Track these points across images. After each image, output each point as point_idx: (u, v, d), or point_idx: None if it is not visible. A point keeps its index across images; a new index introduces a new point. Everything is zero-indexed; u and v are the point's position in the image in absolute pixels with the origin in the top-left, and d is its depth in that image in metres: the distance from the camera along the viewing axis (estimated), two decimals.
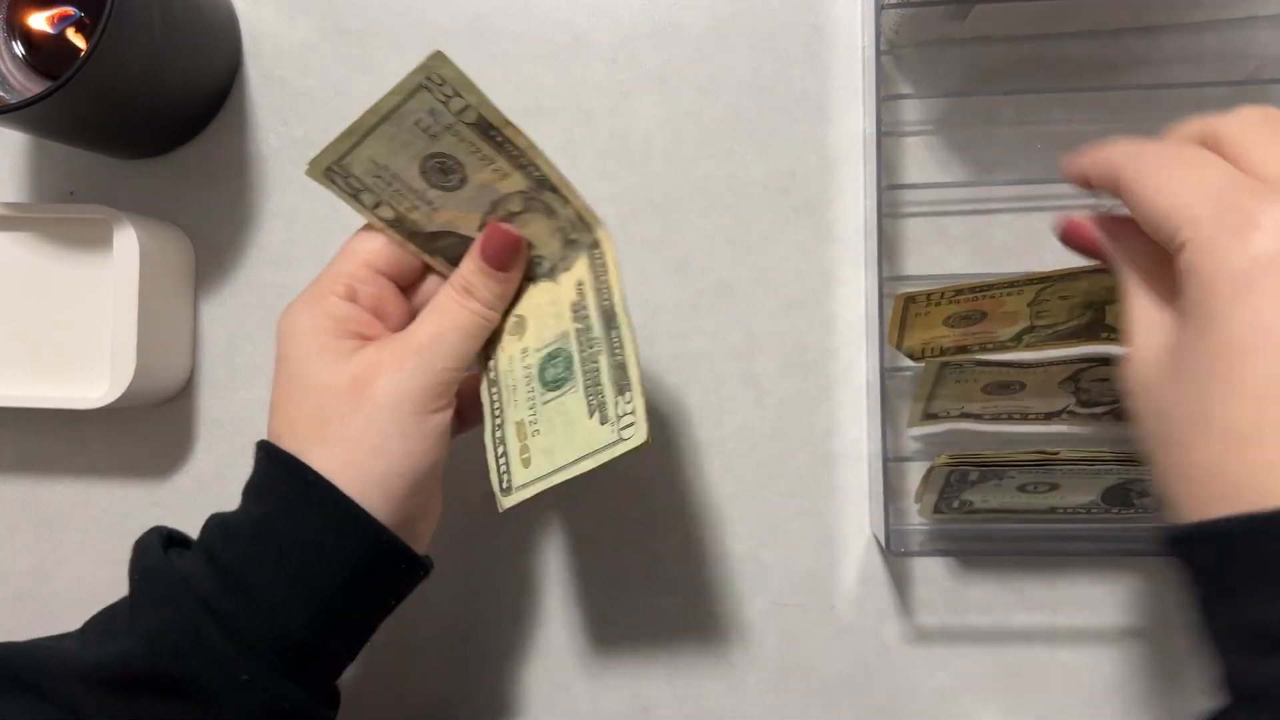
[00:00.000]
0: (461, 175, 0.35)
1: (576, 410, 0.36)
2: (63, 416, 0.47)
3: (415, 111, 0.34)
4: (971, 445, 0.44)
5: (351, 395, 0.33)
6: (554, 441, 0.36)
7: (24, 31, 0.42)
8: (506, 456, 0.37)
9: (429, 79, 0.33)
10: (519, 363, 0.37)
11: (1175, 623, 0.44)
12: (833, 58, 0.46)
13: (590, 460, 0.36)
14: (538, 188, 0.36)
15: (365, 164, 0.35)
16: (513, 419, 0.37)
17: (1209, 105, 0.44)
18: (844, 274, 0.45)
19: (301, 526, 0.32)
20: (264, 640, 0.32)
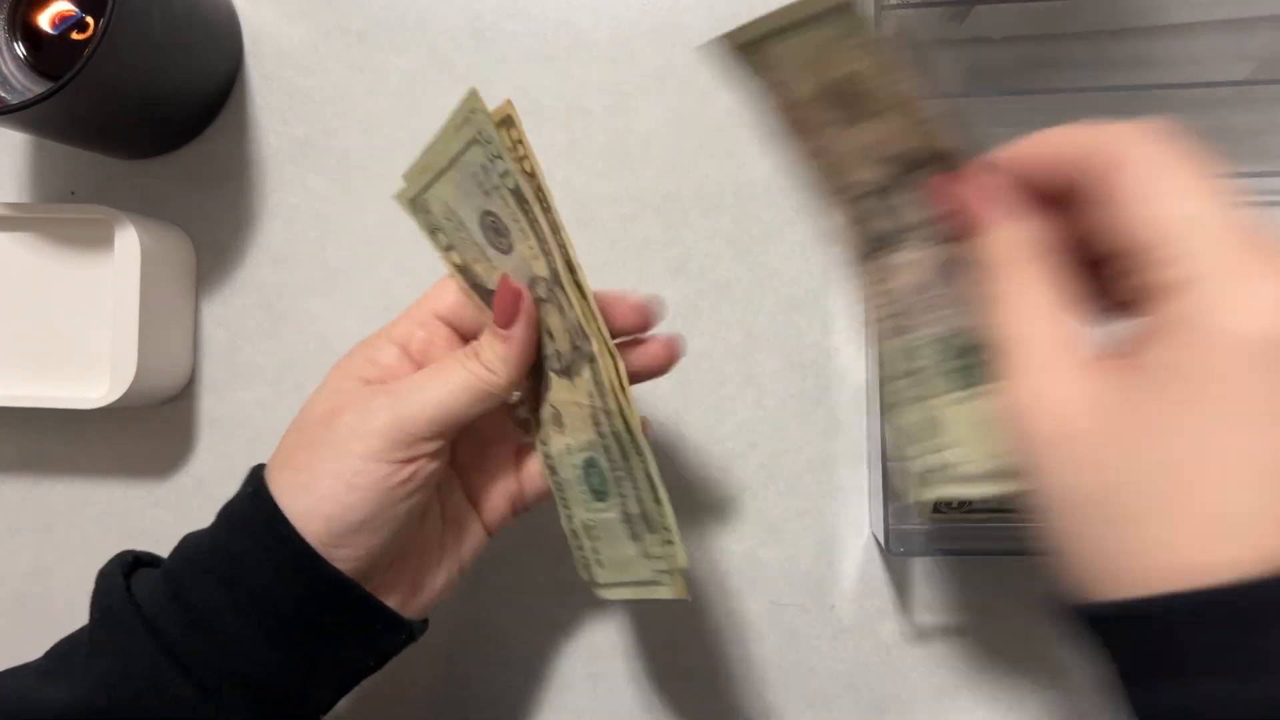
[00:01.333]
0: (509, 241, 0.33)
1: (620, 532, 0.34)
2: (63, 416, 0.47)
3: (471, 163, 0.32)
4: None
5: (321, 426, 0.32)
6: (613, 554, 0.35)
7: (25, 32, 0.42)
8: (584, 551, 0.36)
9: (480, 133, 0.31)
10: (567, 459, 0.35)
11: None
12: None
13: (645, 591, 0.34)
14: (554, 280, 0.32)
15: (440, 204, 0.34)
16: (578, 516, 0.35)
17: (1209, 105, 0.44)
18: (844, 274, 0.45)
19: (256, 559, 0.31)
20: (228, 684, 0.31)
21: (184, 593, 0.31)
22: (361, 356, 0.34)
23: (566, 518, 0.36)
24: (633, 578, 0.34)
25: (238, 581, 0.31)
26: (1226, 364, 0.21)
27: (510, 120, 0.31)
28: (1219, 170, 0.22)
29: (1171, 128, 0.23)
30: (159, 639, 0.31)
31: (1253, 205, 0.45)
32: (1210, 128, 0.45)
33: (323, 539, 0.31)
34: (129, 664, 0.31)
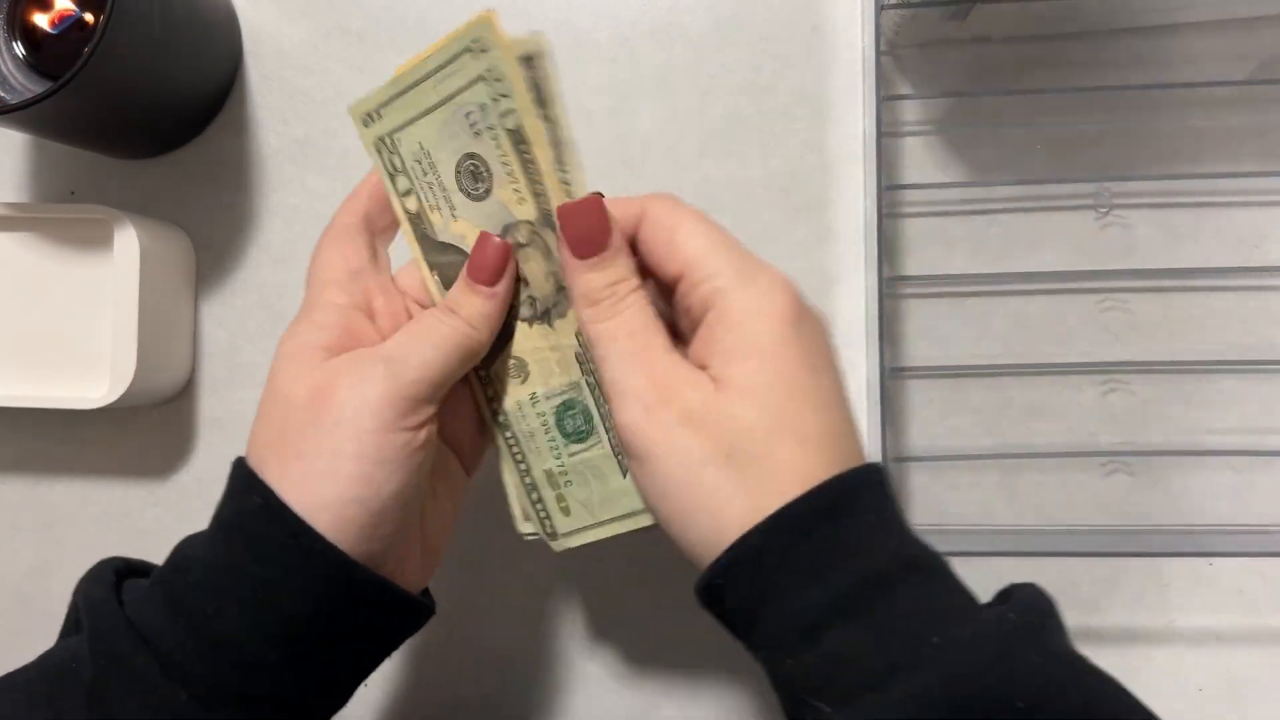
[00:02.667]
0: (488, 187, 0.33)
1: (607, 468, 0.34)
2: (63, 416, 0.47)
3: (469, 103, 0.31)
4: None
5: (315, 406, 0.30)
6: (589, 495, 0.34)
7: (25, 32, 0.42)
8: (544, 504, 0.35)
9: (489, 70, 0.30)
10: (530, 409, 0.35)
11: (1175, 622, 0.44)
12: (833, 58, 0.46)
13: (632, 522, 0.34)
14: (543, 221, 0.32)
15: (413, 145, 0.33)
16: (539, 466, 0.35)
17: (1209, 105, 0.44)
18: (844, 274, 0.45)
19: (258, 560, 0.29)
20: (256, 708, 0.29)
21: (204, 625, 0.29)
22: (307, 324, 0.32)
23: (521, 472, 0.35)
24: (620, 511, 0.34)
25: (268, 608, 0.29)
26: (761, 339, 0.29)
27: (533, 58, 0.31)
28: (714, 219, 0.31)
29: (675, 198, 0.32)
30: (186, 684, 0.28)
31: (1252, 205, 0.45)
32: (1210, 128, 0.45)
33: (357, 526, 0.29)
34: (134, 698, 0.28)
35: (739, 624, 0.29)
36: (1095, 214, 0.45)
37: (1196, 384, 0.44)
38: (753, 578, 0.27)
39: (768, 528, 0.27)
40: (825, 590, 0.26)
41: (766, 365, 0.28)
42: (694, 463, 0.28)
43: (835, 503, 0.27)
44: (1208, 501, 0.44)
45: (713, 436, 0.28)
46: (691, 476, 0.28)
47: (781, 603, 0.27)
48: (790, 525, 0.27)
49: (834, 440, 0.29)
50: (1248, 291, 0.44)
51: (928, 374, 0.45)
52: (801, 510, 0.27)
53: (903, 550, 0.27)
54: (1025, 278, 0.45)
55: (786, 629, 0.27)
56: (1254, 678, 0.44)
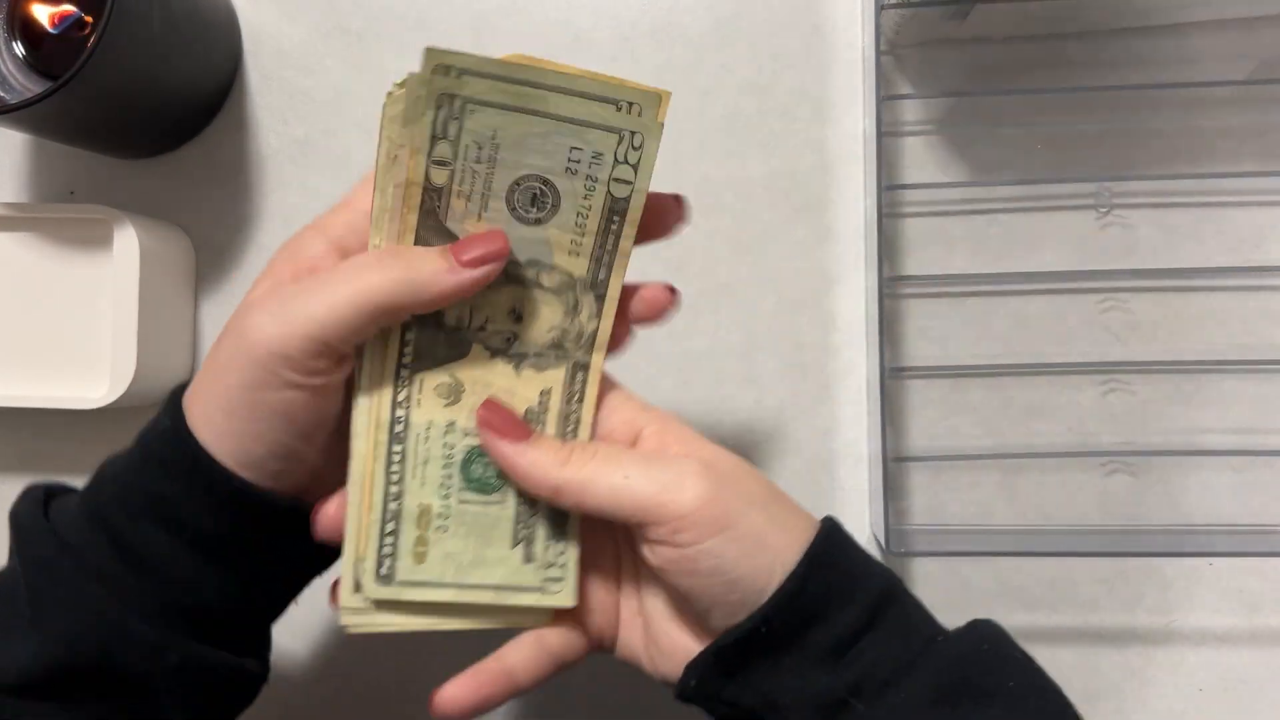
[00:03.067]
0: (541, 218, 0.30)
1: (499, 532, 0.32)
2: (63, 416, 0.47)
3: (586, 142, 0.29)
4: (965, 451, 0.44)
5: (214, 348, 0.29)
6: (462, 551, 0.31)
7: (24, 31, 0.42)
8: (396, 538, 0.31)
9: (632, 134, 0.29)
10: (439, 436, 0.31)
11: (1175, 622, 0.44)
12: (833, 58, 0.46)
13: (502, 595, 0.32)
14: (587, 285, 0.31)
15: (482, 127, 0.29)
16: (415, 497, 0.31)
17: (1209, 105, 0.44)
18: (844, 274, 0.45)
19: (165, 478, 0.29)
20: (184, 620, 0.30)
21: (121, 534, 0.29)
22: (286, 252, 0.31)
23: (389, 495, 0.31)
24: (505, 581, 0.32)
25: (176, 523, 0.29)
26: (693, 438, 0.32)
27: (657, 141, 0.30)
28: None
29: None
30: (107, 585, 0.29)
31: (1252, 205, 0.45)
32: (1210, 128, 0.45)
33: (242, 468, 0.29)
34: (82, 614, 0.29)
35: (757, 669, 0.31)
36: (1095, 214, 0.45)
37: (1196, 384, 0.44)
38: (797, 610, 0.30)
39: (807, 565, 0.30)
40: (859, 608, 0.30)
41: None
42: (765, 501, 0.31)
43: (838, 541, 0.31)
44: (1208, 501, 0.44)
45: (759, 479, 0.32)
46: (769, 512, 0.31)
47: (823, 624, 0.30)
48: (821, 560, 0.30)
49: None
50: (1248, 291, 0.44)
51: (928, 374, 0.45)
52: (825, 547, 0.31)
53: (886, 568, 0.32)
54: (1025, 278, 0.45)
55: (826, 648, 0.30)
56: (1254, 678, 0.44)
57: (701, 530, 0.29)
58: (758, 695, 0.31)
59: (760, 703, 0.31)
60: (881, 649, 0.30)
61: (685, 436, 0.32)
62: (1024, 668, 0.31)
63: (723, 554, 0.29)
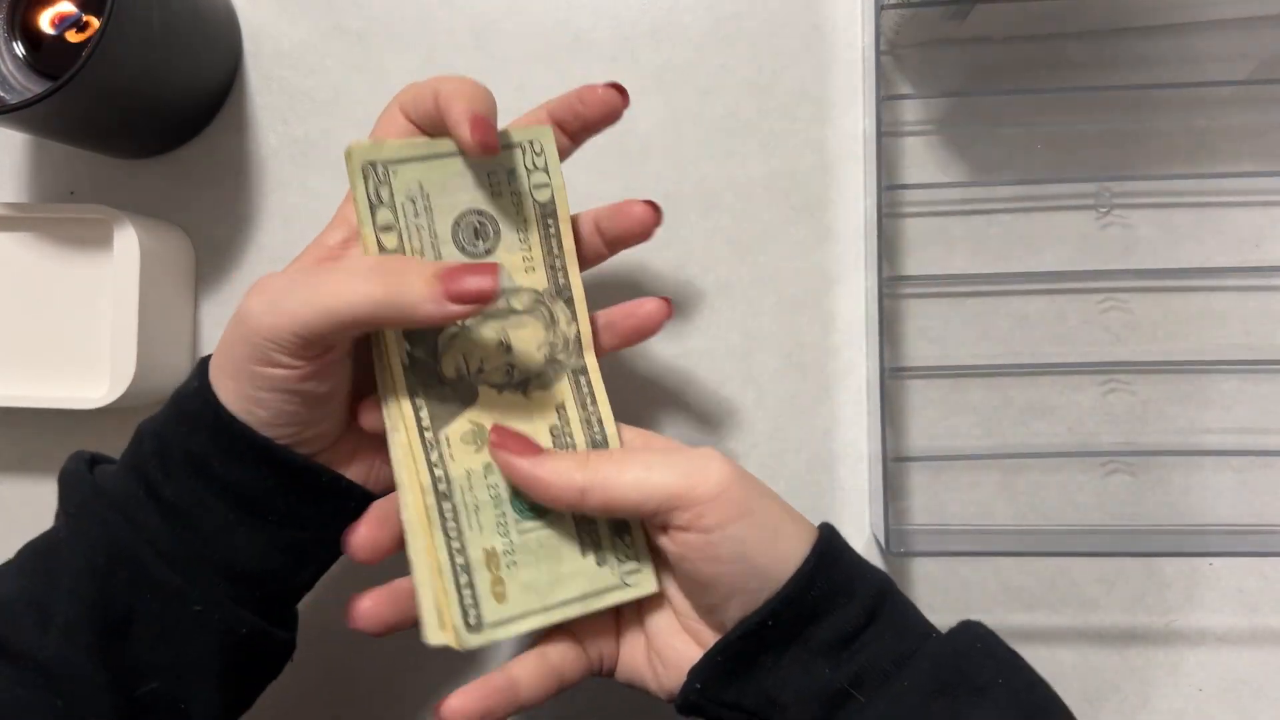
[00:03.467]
0: (490, 246, 0.33)
1: (565, 546, 0.33)
2: (63, 416, 0.47)
3: (496, 164, 0.32)
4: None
5: (232, 318, 0.31)
6: (538, 577, 0.32)
7: (24, 32, 0.42)
8: (473, 588, 0.31)
9: (530, 143, 0.32)
10: (482, 480, 0.32)
11: (1175, 622, 0.44)
12: (833, 58, 0.46)
13: (589, 603, 0.33)
14: (554, 295, 0.33)
15: (409, 184, 0.31)
16: (478, 544, 0.32)
17: (1209, 105, 0.44)
18: (844, 274, 0.45)
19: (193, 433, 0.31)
20: (212, 573, 0.31)
21: (156, 487, 0.31)
22: (314, 241, 0.33)
23: (453, 551, 0.32)
24: (574, 593, 0.33)
25: (206, 474, 0.31)
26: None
27: (554, 145, 0.33)
28: None
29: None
30: (140, 532, 0.31)
31: (1252, 205, 0.45)
32: (1210, 128, 0.45)
33: (262, 430, 0.31)
34: (113, 558, 0.30)
35: (763, 663, 0.32)
36: (1095, 214, 0.45)
37: (1196, 384, 0.44)
38: (804, 604, 0.31)
39: (815, 562, 0.31)
40: (860, 603, 0.31)
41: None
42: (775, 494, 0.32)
43: (838, 542, 0.33)
44: (1208, 501, 0.44)
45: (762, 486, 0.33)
46: (781, 504, 0.32)
47: (827, 620, 0.31)
48: (825, 559, 0.31)
49: None
50: (1248, 291, 0.44)
51: (928, 374, 0.45)
52: (829, 545, 0.32)
53: (881, 572, 0.33)
54: (1025, 278, 0.45)
55: (829, 643, 0.31)
56: (1254, 678, 0.44)
57: (725, 513, 0.30)
58: (760, 694, 0.32)
59: (762, 701, 0.32)
60: (881, 643, 0.31)
61: (667, 442, 0.35)
62: (1014, 665, 0.32)
63: (744, 539, 0.30)
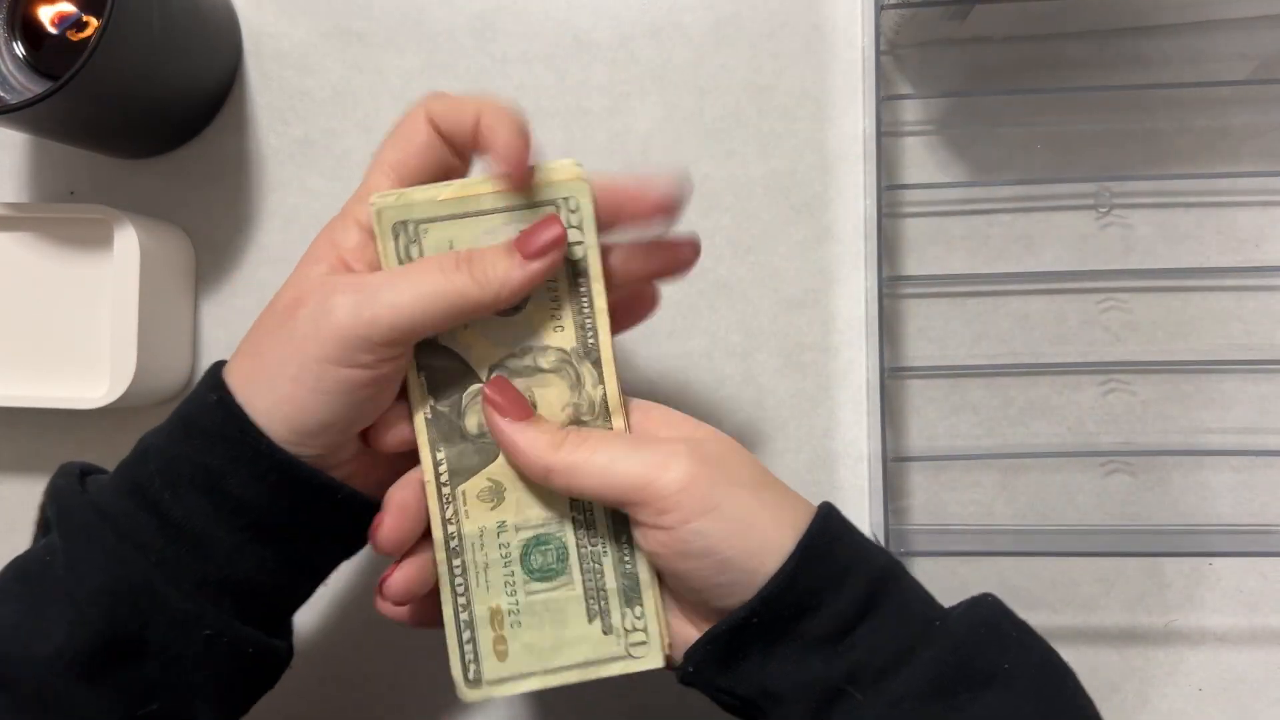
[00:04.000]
0: (518, 305, 0.32)
1: (572, 612, 0.33)
2: (63, 416, 0.47)
3: (528, 221, 0.31)
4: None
5: (281, 315, 0.30)
6: (541, 639, 0.33)
7: (25, 32, 0.42)
8: (474, 644, 0.32)
9: (566, 199, 0.31)
10: (494, 539, 0.33)
11: (1175, 622, 0.44)
12: (833, 58, 0.46)
13: (590, 671, 0.33)
14: (581, 355, 0.32)
15: (440, 243, 0.31)
16: (483, 603, 0.32)
17: (1209, 105, 0.44)
18: (844, 274, 0.45)
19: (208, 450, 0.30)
20: (218, 592, 0.31)
21: (163, 507, 0.30)
22: (326, 239, 0.32)
23: (460, 608, 0.33)
24: (576, 659, 0.33)
25: (219, 493, 0.30)
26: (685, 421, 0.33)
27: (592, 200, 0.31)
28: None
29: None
30: (147, 557, 0.30)
31: (1252, 205, 0.45)
32: (1210, 128, 0.46)
33: (288, 439, 0.30)
34: (120, 585, 0.29)
35: (753, 656, 0.31)
36: (1095, 214, 0.45)
37: (1196, 384, 0.44)
38: (790, 600, 0.30)
39: (800, 556, 0.30)
40: (851, 596, 0.30)
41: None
42: (756, 485, 0.31)
43: (833, 528, 0.31)
44: (1208, 501, 0.44)
45: (751, 462, 0.32)
46: (759, 496, 0.31)
47: (817, 614, 0.30)
48: (817, 549, 0.30)
49: None
50: (1248, 291, 0.44)
51: (928, 374, 0.45)
52: (819, 535, 0.30)
53: (884, 554, 0.32)
54: (1025, 278, 0.45)
55: (819, 637, 0.30)
56: (1254, 678, 0.44)
57: (687, 511, 0.29)
58: (754, 685, 0.31)
59: (758, 692, 0.31)
60: (876, 637, 0.30)
61: (673, 420, 0.33)
62: (1020, 645, 0.31)
63: (711, 534, 0.30)
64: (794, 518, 0.31)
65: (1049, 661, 0.31)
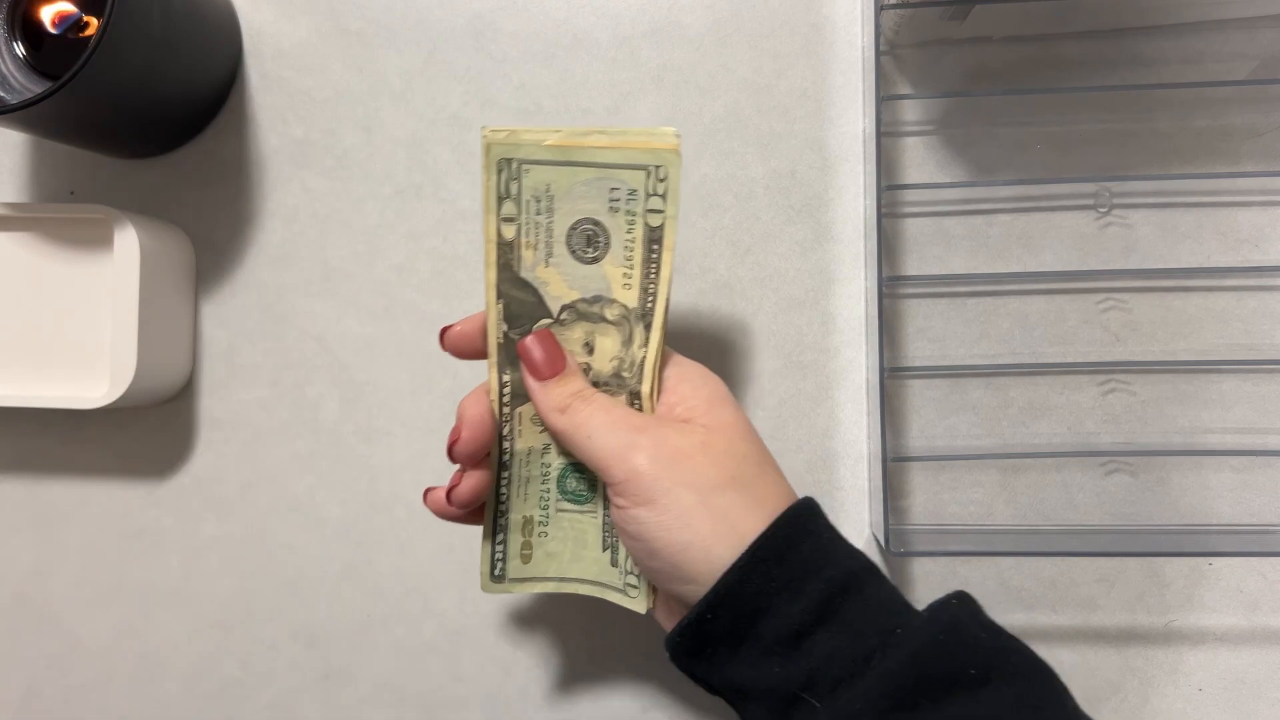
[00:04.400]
0: (597, 255, 0.35)
1: (591, 536, 0.37)
2: (63, 416, 0.47)
3: (621, 180, 0.33)
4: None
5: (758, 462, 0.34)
6: (561, 550, 0.37)
7: (25, 32, 0.42)
8: (505, 545, 0.37)
9: (657, 168, 0.33)
10: (539, 458, 0.37)
11: (1175, 622, 0.44)
12: (833, 58, 0.46)
13: (592, 589, 0.37)
14: (639, 316, 0.35)
15: (538, 184, 0.34)
16: (520, 511, 0.37)
17: (1209, 105, 0.44)
18: (844, 274, 0.45)
19: None
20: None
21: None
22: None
23: (499, 513, 0.37)
24: (589, 575, 0.37)
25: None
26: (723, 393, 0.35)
27: (679, 171, 0.33)
28: None
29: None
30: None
31: (1252, 205, 0.45)
32: (1210, 128, 0.45)
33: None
34: None
35: (720, 652, 0.32)
36: (1095, 214, 0.45)
37: (1196, 384, 0.44)
38: (742, 602, 0.31)
39: (749, 559, 0.31)
40: (806, 601, 0.31)
41: (742, 414, 0.35)
42: (709, 487, 0.32)
43: (795, 530, 0.32)
44: (1208, 501, 0.44)
45: (719, 465, 0.32)
46: (706, 500, 0.32)
47: (771, 618, 0.31)
48: (769, 552, 0.31)
49: (783, 475, 0.35)
50: (1248, 291, 0.44)
51: (928, 374, 0.45)
52: (774, 539, 0.31)
53: (855, 559, 0.32)
54: (1025, 278, 0.45)
55: (774, 641, 0.31)
56: (1254, 678, 0.44)
57: (631, 498, 0.32)
58: (724, 679, 0.32)
59: (727, 686, 0.32)
60: (833, 644, 0.30)
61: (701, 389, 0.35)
62: (985, 649, 0.30)
63: (644, 521, 0.32)
64: (749, 523, 0.32)
65: (1025, 664, 0.30)
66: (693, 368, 0.36)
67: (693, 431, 0.33)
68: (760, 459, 0.34)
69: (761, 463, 0.34)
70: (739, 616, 0.31)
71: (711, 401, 0.35)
